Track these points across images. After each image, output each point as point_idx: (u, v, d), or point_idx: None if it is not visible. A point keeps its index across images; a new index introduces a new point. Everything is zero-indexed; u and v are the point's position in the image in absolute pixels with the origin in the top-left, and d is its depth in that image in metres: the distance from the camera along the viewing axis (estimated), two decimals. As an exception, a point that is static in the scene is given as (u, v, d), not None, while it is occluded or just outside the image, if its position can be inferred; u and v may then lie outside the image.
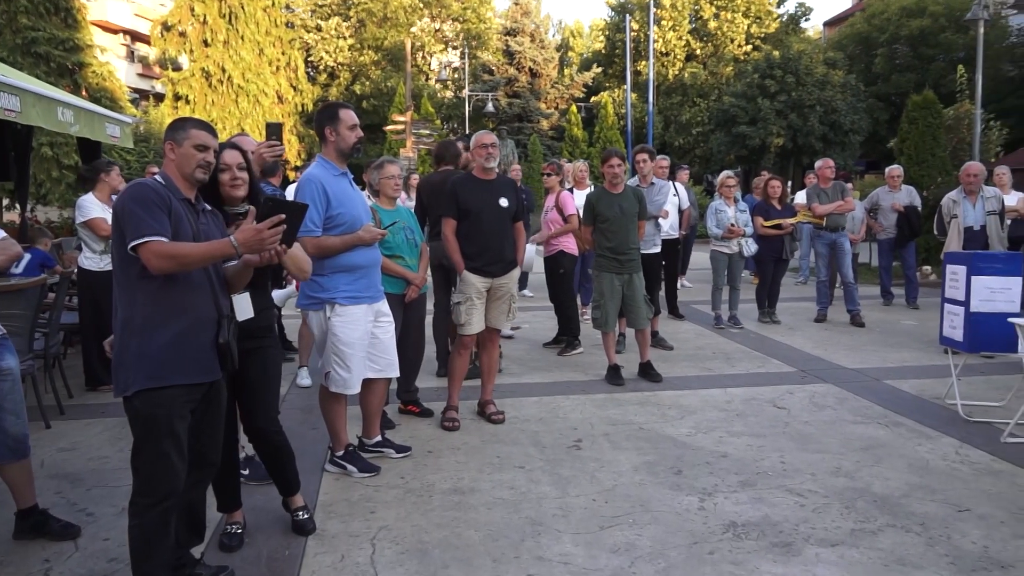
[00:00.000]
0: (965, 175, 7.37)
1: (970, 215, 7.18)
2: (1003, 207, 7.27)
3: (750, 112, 25.60)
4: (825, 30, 39.00)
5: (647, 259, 6.65)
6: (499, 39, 34.71)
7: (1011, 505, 3.56)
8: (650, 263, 6.82)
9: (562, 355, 6.87)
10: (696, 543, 3.20)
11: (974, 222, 7.16)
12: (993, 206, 7.17)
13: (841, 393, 5.56)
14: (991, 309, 4.84)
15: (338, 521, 3.44)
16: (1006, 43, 26.45)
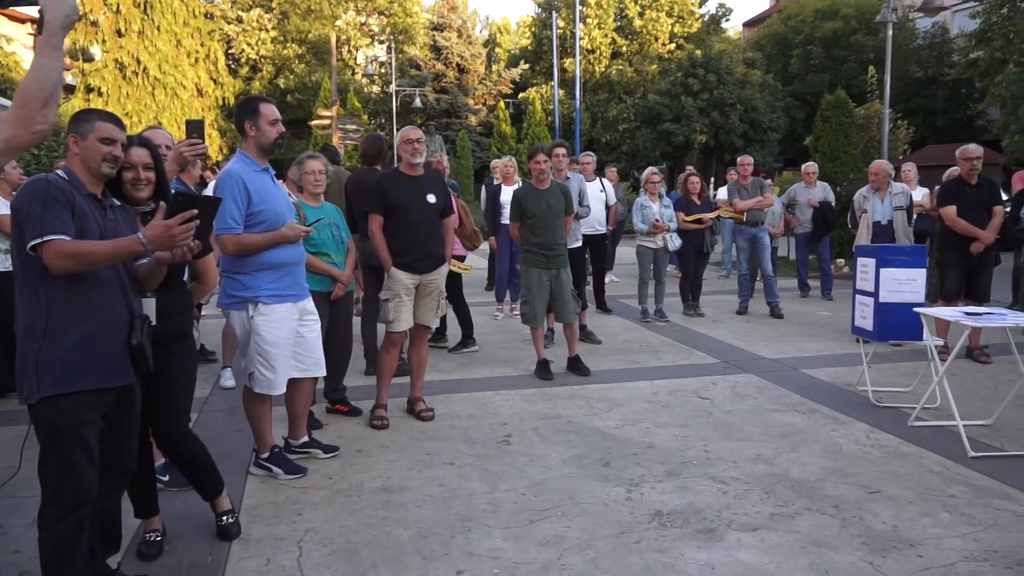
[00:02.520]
0: (871, 173, 7.73)
1: (878, 210, 7.52)
2: (911, 203, 7.63)
3: (674, 110, 26.14)
4: (744, 31, 40.16)
5: (570, 253, 6.72)
6: (426, 34, 34.49)
7: (918, 485, 3.75)
8: (573, 257, 6.89)
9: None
10: (623, 533, 3.26)
11: (882, 217, 7.50)
12: (900, 202, 7.52)
13: (761, 383, 5.74)
14: (898, 299, 5.08)
15: (263, 524, 3.36)
16: (913, 45, 27.74)
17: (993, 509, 3.46)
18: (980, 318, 4.51)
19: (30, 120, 1.59)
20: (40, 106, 1.60)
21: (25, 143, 1.60)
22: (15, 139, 1.55)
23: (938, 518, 3.37)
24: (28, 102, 1.58)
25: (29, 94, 1.59)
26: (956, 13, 26.55)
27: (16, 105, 1.57)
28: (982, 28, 21.11)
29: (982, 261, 6.31)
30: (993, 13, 20.41)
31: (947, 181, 6.61)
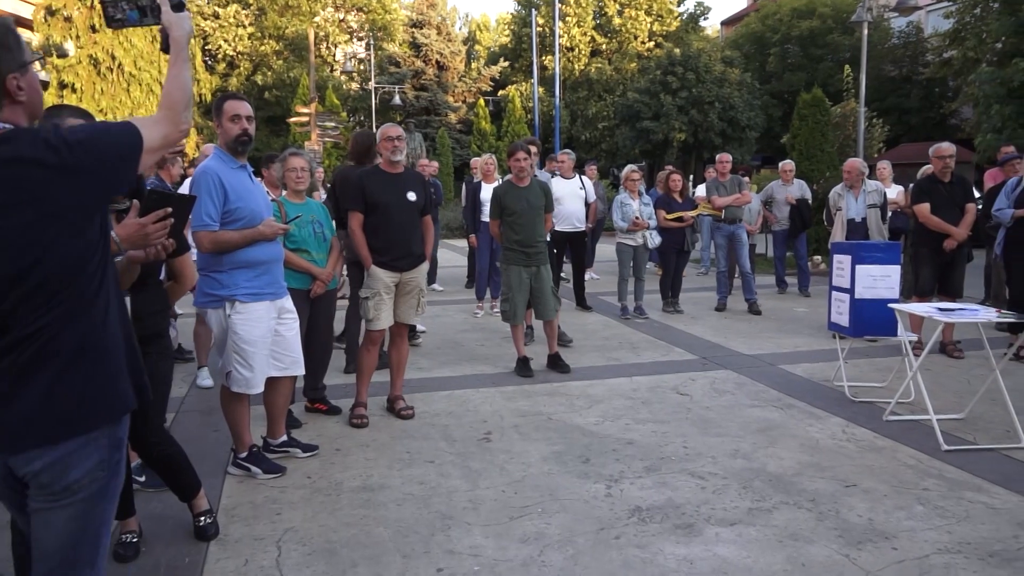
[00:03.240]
0: (844, 171, 7.84)
1: (852, 208, 7.62)
2: (885, 200, 7.72)
3: (653, 108, 26.24)
4: (723, 29, 40.39)
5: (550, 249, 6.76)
6: (405, 31, 34.36)
7: (892, 479, 3.80)
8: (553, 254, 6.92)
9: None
10: (603, 529, 3.27)
11: (856, 214, 7.60)
12: (874, 199, 7.62)
13: (739, 378, 5.79)
14: (873, 296, 5.14)
15: (242, 525, 3.34)
16: (888, 45, 28.03)
17: (966, 502, 3.52)
18: (953, 314, 4.57)
19: (178, 120, 1.86)
20: (183, 109, 1.88)
21: (175, 140, 1.89)
22: (169, 137, 1.84)
23: (912, 511, 3.42)
24: (175, 105, 1.86)
25: (175, 99, 1.87)
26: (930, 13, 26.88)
27: (164, 108, 1.86)
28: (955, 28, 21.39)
29: (955, 258, 6.41)
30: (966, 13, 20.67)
31: (921, 179, 6.71)
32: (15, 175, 1.60)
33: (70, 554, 1.73)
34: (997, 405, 4.64)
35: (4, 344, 1.62)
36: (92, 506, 1.74)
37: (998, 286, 7.72)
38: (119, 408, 1.78)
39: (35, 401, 1.64)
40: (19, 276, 1.61)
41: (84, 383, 1.69)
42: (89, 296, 1.70)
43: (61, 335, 1.66)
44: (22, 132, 1.67)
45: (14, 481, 1.71)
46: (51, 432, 1.66)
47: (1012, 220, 6.27)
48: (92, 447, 1.72)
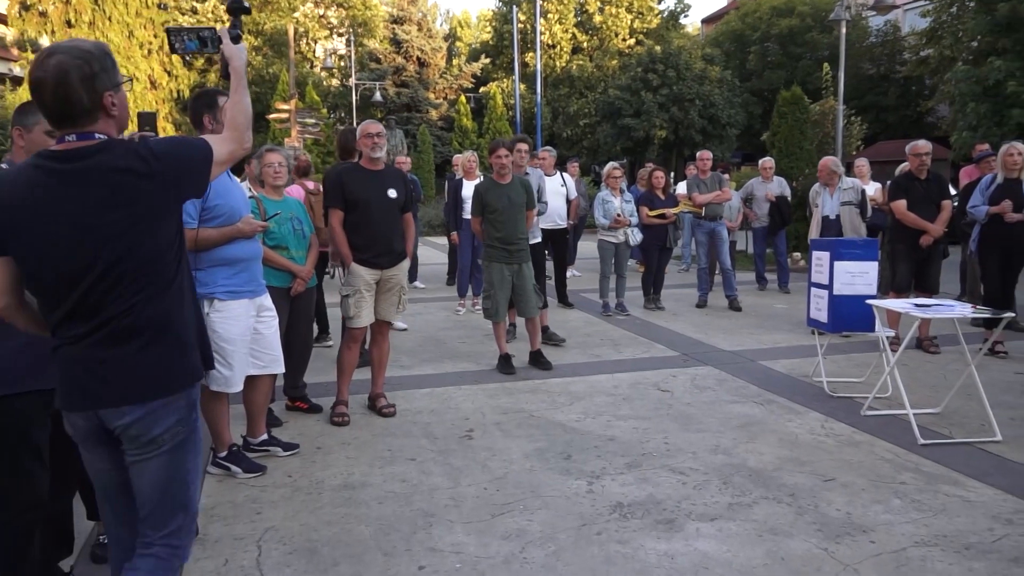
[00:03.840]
0: (818, 170, 7.93)
1: (827, 205, 7.70)
2: (864, 197, 7.79)
3: (634, 105, 26.31)
4: (703, 27, 40.59)
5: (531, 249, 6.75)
6: (386, 27, 34.23)
7: (870, 473, 3.84)
8: (534, 253, 6.90)
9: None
10: (584, 525, 3.28)
11: (830, 212, 7.67)
12: (850, 197, 7.68)
13: (720, 375, 5.83)
14: (851, 292, 5.19)
15: (221, 524, 3.32)
16: (866, 43, 28.29)
17: (942, 495, 3.57)
18: (929, 309, 4.63)
19: (242, 139, 2.18)
20: (246, 129, 2.20)
21: (240, 155, 2.21)
22: (234, 152, 2.17)
23: (889, 504, 3.46)
24: (239, 127, 2.19)
25: (239, 121, 2.20)
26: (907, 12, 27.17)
27: (230, 128, 2.19)
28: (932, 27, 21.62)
29: (931, 254, 6.48)
30: (943, 12, 20.90)
31: (898, 176, 6.78)
32: (111, 180, 1.91)
33: (163, 498, 2.05)
34: (972, 399, 4.70)
35: (101, 318, 1.93)
36: (176, 457, 2.05)
37: (973, 282, 7.83)
38: (193, 375, 2.10)
39: (126, 366, 1.96)
40: (113, 263, 1.92)
41: (165, 353, 2.02)
42: (168, 280, 2.02)
43: (147, 312, 1.97)
44: (116, 143, 1.96)
45: (105, 435, 2.01)
46: (139, 393, 1.97)
47: (987, 217, 6.36)
48: (172, 407, 2.02)
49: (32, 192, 1.90)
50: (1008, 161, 6.37)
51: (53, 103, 1.90)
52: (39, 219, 1.90)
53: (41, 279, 1.96)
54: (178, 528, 2.09)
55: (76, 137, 1.93)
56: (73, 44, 1.92)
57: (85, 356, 1.95)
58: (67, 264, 1.91)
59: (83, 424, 2.01)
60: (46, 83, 1.88)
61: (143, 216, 1.95)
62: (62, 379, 1.99)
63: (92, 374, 1.96)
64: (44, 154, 1.95)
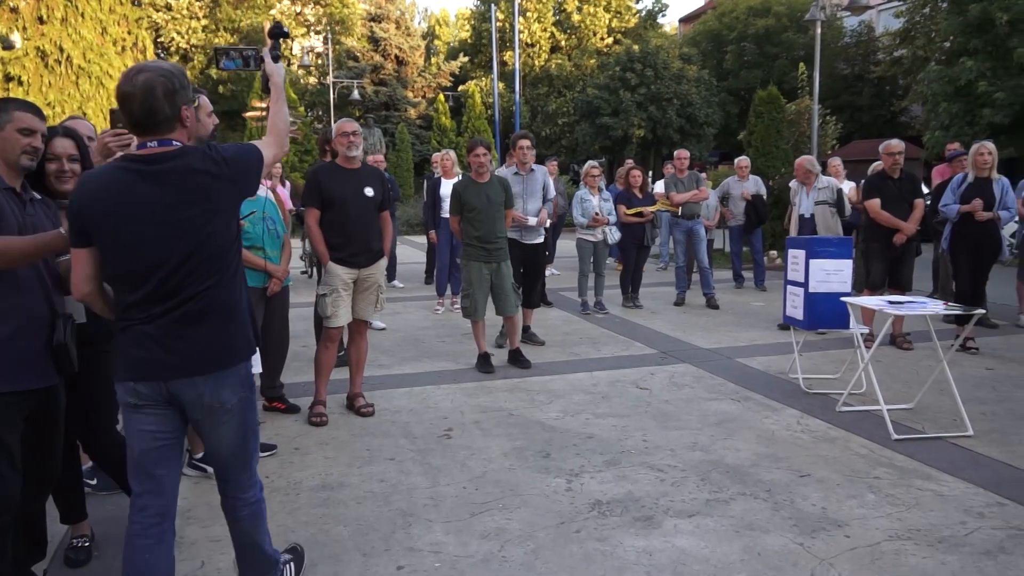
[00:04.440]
0: (795, 169, 8.02)
1: (803, 204, 7.78)
2: (840, 195, 7.87)
3: (612, 104, 26.39)
4: (680, 26, 40.79)
5: (532, 248, 6.73)
6: (364, 25, 33.99)
7: (845, 468, 3.89)
8: (535, 253, 6.86)
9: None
10: (563, 523, 3.29)
11: (805, 210, 7.76)
12: (825, 196, 7.75)
13: (698, 372, 5.86)
14: (827, 289, 5.24)
15: (198, 526, 3.29)
16: (841, 43, 28.59)
17: (915, 489, 3.62)
18: (902, 306, 4.69)
19: (283, 143, 2.55)
20: (285, 134, 2.56)
21: (280, 157, 2.59)
22: (277, 155, 2.52)
23: (864, 499, 3.51)
24: (280, 134, 2.54)
25: (280, 129, 2.55)
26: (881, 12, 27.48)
27: (273, 135, 2.53)
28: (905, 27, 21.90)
29: (904, 252, 6.57)
30: (916, 12, 21.18)
31: (871, 175, 6.86)
32: (189, 181, 2.20)
33: (236, 451, 2.41)
34: (945, 395, 4.77)
35: (178, 300, 2.22)
36: (241, 416, 2.38)
37: (945, 279, 7.95)
38: (250, 349, 2.41)
39: (200, 342, 2.25)
40: (191, 253, 2.20)
41: (231, 330, 2.32)
42: (233, 268, 2.33)
43: (218, 296, 2.27)
44: (191, 148, 2.27)
45: (165, 404, 2.28)
46: (211, 364, 2.27)
47: (958, 215, 6.46)
48: (235, 376, 2.34)
49: (118, 191, 2.17)
50: (978, 160, 6.48)
51: (140, 113, 2.18)
52: (125, 215, 2.17)
53: (124, 267, 2.22)
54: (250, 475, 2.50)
55: (157, 143, 2.21)
56: (157, 64, 2.24)
57: (161, 334, 2.22)
58: (150, 254, 2.19)
59: (146, 392, 2.25)
60: (135, 96, 2.16)
61: (216, 212, 2.25)
62: (130, 354, 2.25)
63: (167, 349, 2.22)
64: (128, 157, 2.25)
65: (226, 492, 2.50)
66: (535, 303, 6.96)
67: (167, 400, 2.27)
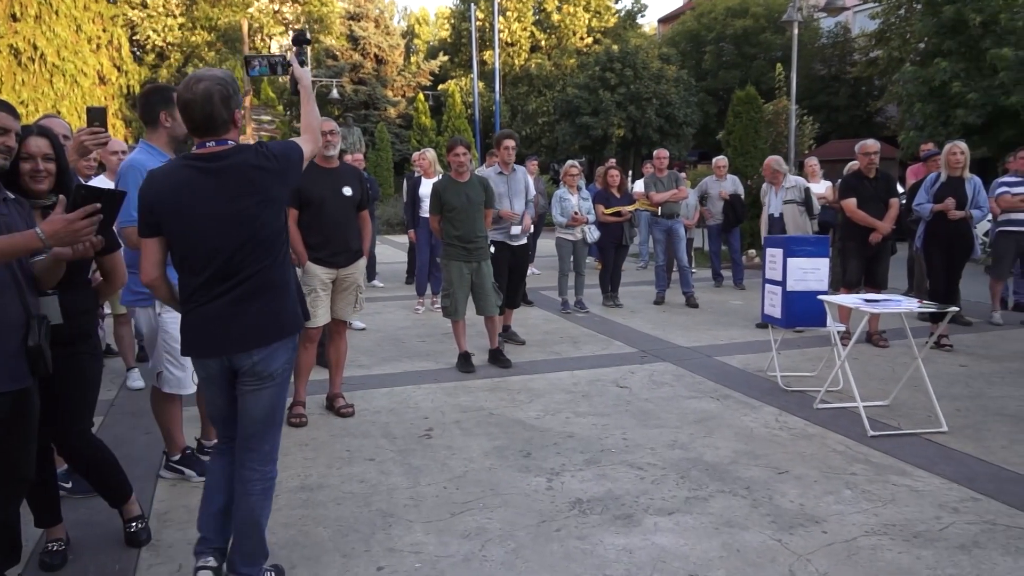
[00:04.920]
0: (763, 169, 8.09)
1: (772, 203, 7.85)
2: (808, 195, 7.93)
3: (592, 103, 26.47)
4: (659, 27, 40.98)
5: (520, 250, 6.71)
6: (342, 23, 33.82)
7: (822, 465, 3.93)
8: (521, 255, 6.83)
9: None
10: (544, 522, 3.30)
11: (774, 210, 7.83)
12: (792, 195, 7.83)
13: (678, 370, 5.90)
14: (804, 288, 5.30)
15: (175, 529, 3.26)
16: (818, 44, 28.86)
17: (891, 485, 3.66)
18: (878, 304, 4.75)
19: (317, 139, 2.83)
20: (317, 130, 2.85)
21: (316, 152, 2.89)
22: (313, 151, 2.78)
23: (841, 495, 3.54)
24: (314, 130, 2.82)
25: (313, 126, 2.84)
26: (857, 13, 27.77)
27: (307, 132, 2.81)
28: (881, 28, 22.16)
29: (880, 250, 6.64)
30: (891, 14, 21.44)
31: (847, 175, 6.93)
32: (245, 175, 2.50)
33: (268, 418, 2.66)
34: (919, 392, 4.83)
35: (237, 280, 2.50)
36: (281, 387, 2.67)
37: (920, 277, 8.05)
38: (298, 324, 2.70)
39: (255, 317, 2.53)
40: (248, 238, 2.49)
41: (281, 306, 2.60)
42: (282, 252, 2.62)
43: (271, 276, 2.56)
44: (244, 147, 2.56)
45: (230, 374, 2.60)
46: (265, 337, 2.55)
47: (932, 214, 6.54)
48: (284, 348, 2.62)
49: (182, 186, 2.48)
50: (951, 160, 6.57)
51: (200, 118, 2.48)
52: (189, 207, 2.46)
53: (190, 253, 2.51)
54: (273, 447, 2.71)
55: (215, 143, 2.51)
56: (212, 73, 2.51)
57: (221, 313, 2.51)
58: (212, 240, 2.47)
59: (215, 365, 2.59)
60: (196, 103, 2.46)
61: (267, 202, 2.53)
62: (196, 334, 2.56)
63: (227, 327, 2.52)
64: (190, 156, 2.52)
65: (245, 464, 2.66)
66: (516, 304, 6.96)
67: (229, 370, 2.60)
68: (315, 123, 2.84)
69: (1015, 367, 5.90)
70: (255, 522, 2.67)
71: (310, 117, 2.86)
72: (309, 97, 2.91)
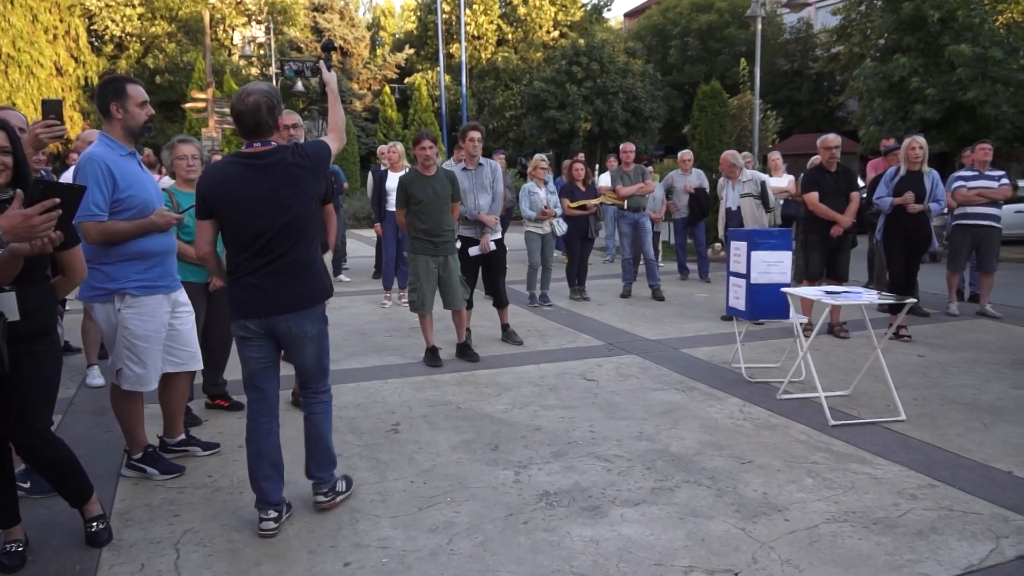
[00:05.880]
0: (720, 164, 8.17)
1: (730, 197, 7.94)
2: (763, 189, 8.03)
3: (559, 97, 26.52)
4: (625, 21, 41.16)
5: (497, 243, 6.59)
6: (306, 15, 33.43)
7: (785, 454, 3.99)
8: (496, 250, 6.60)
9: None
10: (511, 515, 3.31)
11: (731, 204, 7.92)
12: (749, 189, 7.92)
13: (644, 363, 5.95)
14: (767, 280, 5.37)
15: (137, 528, 3.21)
16: (781, 39, 29.25)
17: (851, 473, 3.74)
18: (839, 296, 4.83)
19: (343, 137, 3.33)
20: (343, 129, 3.35)
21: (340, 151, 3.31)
22: (338, 149, 3.26)
23: (803, 484, 3.61)
24: (340, 128, 3.34)
25: (339, 125, 3.34)
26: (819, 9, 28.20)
27: (334, 131, 3.33)
28: (842, 24, 22.52)
29: (841, 243, 6.76)
30: (852, 10, 21.79)
31: (810, 169, 7.04)
32: (285, 171, 3.03)
33: (318, 366, 3.29)
34: (879, 381, 4.93)
35: (274, 256, 3.04)
36: (319, 342, 3.25)
37: (879, 270, 8.20)
38: (326, 293, 3.25)
39: (291, 287, 3.08)
40: (286, 223, 3.03)
41: (310, 279, 3.15)
42: (312, 234, 3.14)
43: (301, 253, 3.10)
44: (283, 147, 3.08)
45: (267, 334, 3.13)
46: (299, 304, 3.10)
47: (891, 208, 6.67)
48: (315, 313, 3.18)
49: (233, 179, 3.01)
50: (910, 154, 6.70)
51: (251, 124, 3.01)
52: (239, 194, 2.99)
53: (238, 233, 3.04)
54: (326, 383, 3.36)
55: (260, 144, 3.03)
56: (259, 87, 3.04)
57: (261, 283, 3.04)
58: (257, 223, 3.00)
59: (254, 327, 3.10)
60: (247, 113, 3.00)
61: (301, 193, 3.06)
62: (242, 299, 3.08)
63: (266, 294, 3.04)
64: (239, 154, 3.08)
65: (306, 393, 3.34)
66: (504, 301, 6.81)
67: (267, 332, 3.10)
68: (340, 123, 3.34)
69: (970, 357, 6.05)
70: (321, 434, 3.32)
71: (336, 118, 3.36)
72: (335, 99, 3.42)
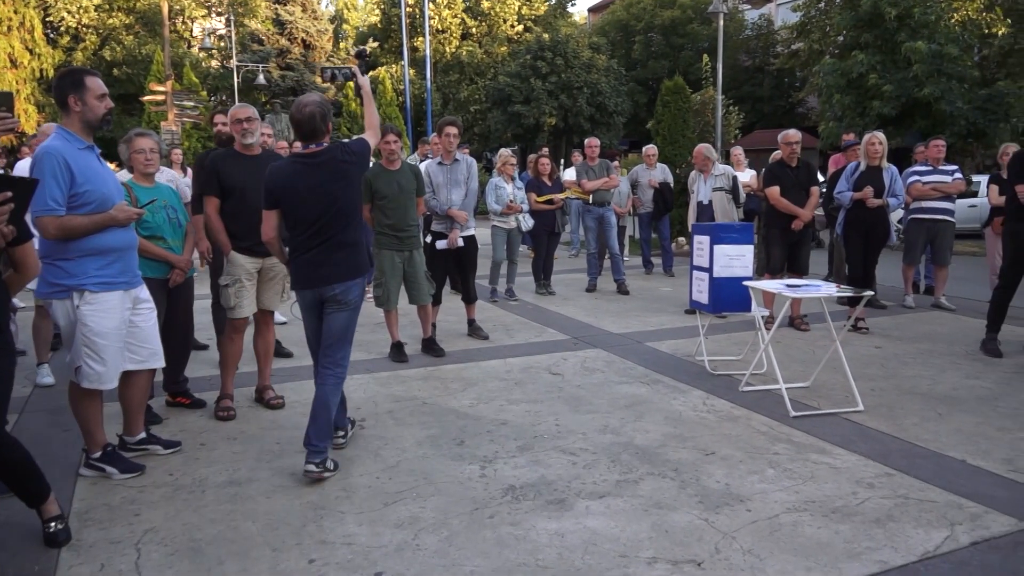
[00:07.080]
0: (694, 157, 8.23)
1: (701, 191, 8.01)
2: (735, 183, 8.14)
3: (524, 92, 26.52)
4: (590, 16, 41.28)
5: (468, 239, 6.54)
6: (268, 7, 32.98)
7: (747, 446, 4.06)
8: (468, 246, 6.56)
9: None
10: (477, 509, 3.31)
11: (703, 197, 7.99)
12: (721, 183, 8.01)
13: (609, 357, 5.99)
14: (730, 274, 5.44)
15: (96, 528, 3.15)
16: (743, 36, 29.58)
17: (811, 463, 3.81)
18: (799, 289, 4.91)
19: (377, 135, 3.95)
20: (378, 127, 3.97)
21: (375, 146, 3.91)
22: (375, 145, 3.78)
23: (764, 474, 3.67)
24: (375, 126, 3.91)
25: (375, 123, 3.92)
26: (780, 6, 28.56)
27: (371, 129, 3.89)
28: (802, 21, 22.84)
29: (802, 237, 6.88)
30: (812, 7, 22.11)
31: (771, 164, 7.14)
32: (335, 167, 3.62)
33: (342, 333, 3.74)
34: (838, 373, 5.03)
35: (326, 237, 3.62)
36: (354, 312, 3.77)
37: (839, 263, 8.37)
38: (366, 267, 3.83)
39: (337, 263, 3.66)
40: (337, 211, 3.62)
41: (355, 256, 3.72)
42: (356, 219, 3.75)
43: (348, 234, 3.69)
44: (333, 147, 3.67)
45: (320, 302, 3.71)
46: (344, 276, 3.66)
47: (851, 202, 6.80)
48: (357, 284, 3.71)
49: (294, 175, 3.61)
50: (870, 150, 6.83)
51: (308, 131, 3.60)
52: (298, 188, 3.59)
53: (297, 220, 3.63)
54: (344, 355, 3.75)
55: (315, 146, 3.62)
56: (313, 98, 3.65)
57: (315, 260, 3.63)
58: (313, 211, 3.59)
59: (310, 296, 3.70)
60: (305, 121, 3.58)
61: (349, 185, 3.67)
62: (301, 273, 3.68)
63: (318, 268, 3.63)
64: (298, 155, 3.65)
65: (323, 364, 3.71)
66: (473, 297, 6.79)
67: (320, 300, 3.68)
68: (375, 121, 3.90)
69: (926, 348, 6.20)
70: (325, 405, 3.63)
71: (372, 117, 3.90)
72: (370, 100, 3.95)
